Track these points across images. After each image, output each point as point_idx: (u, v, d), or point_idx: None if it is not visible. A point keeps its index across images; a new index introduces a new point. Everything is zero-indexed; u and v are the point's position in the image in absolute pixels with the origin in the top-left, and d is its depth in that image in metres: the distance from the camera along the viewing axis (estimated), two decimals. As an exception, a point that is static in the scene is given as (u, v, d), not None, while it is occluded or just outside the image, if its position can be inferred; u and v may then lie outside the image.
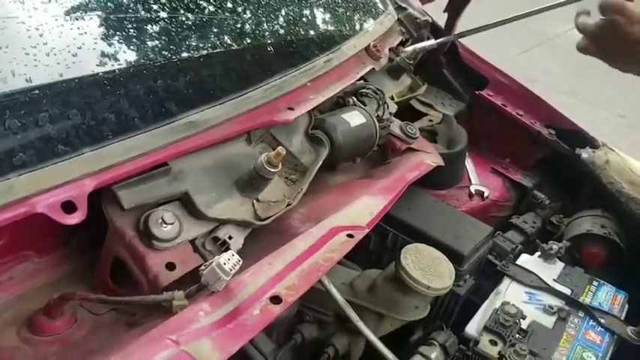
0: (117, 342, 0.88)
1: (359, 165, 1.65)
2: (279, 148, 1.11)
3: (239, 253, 1.07)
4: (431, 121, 1.88)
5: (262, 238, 1.19)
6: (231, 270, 0.92)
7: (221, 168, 1.16)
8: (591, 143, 1.83)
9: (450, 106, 2.03)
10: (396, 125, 1.65)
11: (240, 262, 0.94)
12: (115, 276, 1.07)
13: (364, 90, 1.55)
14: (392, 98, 1.78)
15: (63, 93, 0.95)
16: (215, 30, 1.24)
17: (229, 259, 0.92)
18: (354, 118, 1.46)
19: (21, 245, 1.03)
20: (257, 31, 1.35)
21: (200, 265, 0.96)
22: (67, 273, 1.09)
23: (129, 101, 1.01)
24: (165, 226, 1.02)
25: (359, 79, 1.57)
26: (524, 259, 1.60)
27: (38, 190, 0.85)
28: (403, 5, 2.01)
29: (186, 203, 1.07)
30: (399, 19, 2.00)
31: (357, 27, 1.75)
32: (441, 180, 1.78)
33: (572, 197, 1.90)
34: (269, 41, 1.37)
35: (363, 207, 1.28)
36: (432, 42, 1.86)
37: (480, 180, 1.88)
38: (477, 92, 1.99)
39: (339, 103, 1.54)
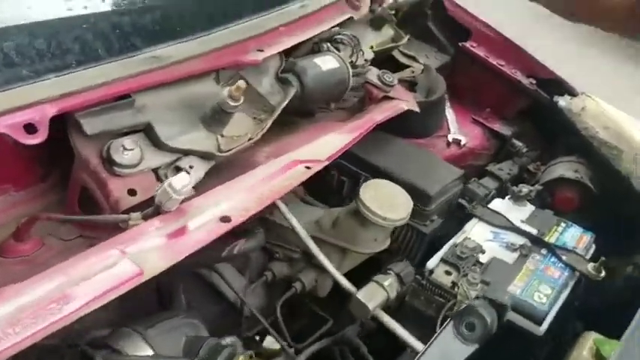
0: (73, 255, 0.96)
1: (338, 113, 1.71)
2: (240, 82, 1.17)
3: (201, 183, 1.15)
4: (412, 72, 1.92)
5: (226, 172, 1.26)
6: (182, 188, 0.99)
7: (187, 104, 1.22)
8: (570, 92, 1.85)
9: (434, 59, 2.06)
10: (373, 74, 1.69)
11: (192, 183, 1.01)
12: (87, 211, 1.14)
13: (339, 37, 1.59)
14: (371, 48, 1.82)
15: (31, 25, 1.02)
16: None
17: (181, 180, 0.99)
18: (326, 62, 1.51)
19: None
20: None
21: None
22: (44, 206, 1.17)
23: (94, 33, 1.08)
24: (126, 152, 1.09)
25: (335, 27, 1.61)
26: (496, 203, 1.65)
27: (1, 111, 0.93)
28: (390, -41, 2.04)
29: (149, 134, 1.14)
30: (386, -28, 2.03)
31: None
32: (419, 128, 1.83)
33: (551, 145, 1.93)
34: None
35: (327, 143, 1.34)
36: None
37: (459, 130, 1.92)
38: (460, 44, 2.01)
39: (314, 49, 1.59)
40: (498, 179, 1.78)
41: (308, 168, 1.22)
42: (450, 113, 1.97)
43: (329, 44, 1.57)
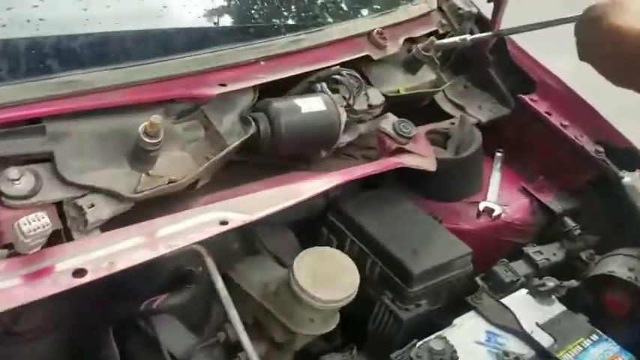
0: None
1: (339, 162, 1.51)
2: (153, 117, 1.03)
3: (109, 223, 1.02)
4: (452, 124, 1.65)
5: (155, 213, 1.12)
6: (30, 232, 0.87)
7: (117, 136, 1.11)
8: (645, 167, 1.46)
9: (489, 110, 1.76)
10: (388, 122, 1.47)
11: (48, 226, 0.88)
12: None
13: (337, 76, 1.39)
14: (397, 92, 1.59)
15: None
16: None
17: (33, 222, 0.87)
18: (310, 104, 1.32)
19: None
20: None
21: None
22: None
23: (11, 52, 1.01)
24: (15, 182, 0.99)
25: (337, 65, 1.41)
26: (516, 295, 1.33)
27: None
28: (447, -7, 1.80)
29: (54, 165, 1.04)
30: (440, 8, 1.79)
31: (367, 9, 1.59)
32: (442, 189, 1.54)
33: (619, 230, 1.53)
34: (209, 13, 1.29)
35: (275, 196, 1.15)
36: (456, 38, 1.63)
37: (500, 197, 1.59)
38: (519, 96, 1.70)
39: (310, 89, 1.41)
40: (534, 265, 1.44)
41: (223, 224, 1.04)
42: (495, 176, 1.66)
43: (324, 84, 1.38)
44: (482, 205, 1.55)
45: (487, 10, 1.76)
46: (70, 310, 1.12)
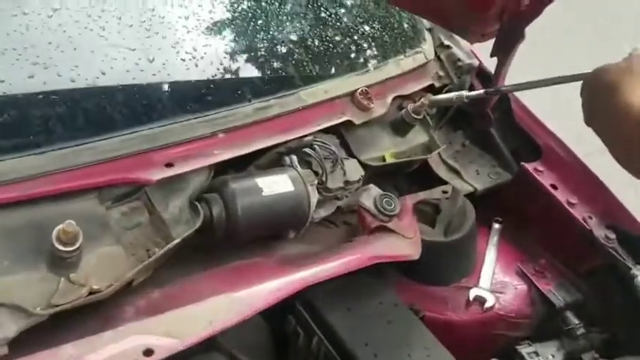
0: None
1: (331, 232, 1.34)
2: (66, 224, 0.86)
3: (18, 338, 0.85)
4: (445, 193, 1.46)
5: (77, 321, 0.95)
6: None
7: (32, 231, 0.94)
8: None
9: (487, 175, 1.57)
10: (369, 196, 1.29)
11: None
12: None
13: (308, 150, 1.21)
14: (383, 159, 1.41)
15: None
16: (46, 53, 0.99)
17: None
18: (275, 184, 1.14)
19: None
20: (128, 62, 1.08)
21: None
22: None
23: None
24: None
25: (311, 134, 1.24)
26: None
27: None
28: (447, 43, 1.62)
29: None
30: (437, 57, 1.61)
31: (350, 65, 1.40)
32: (428, 273, 1.37)
33: (628, 331, 1.34)
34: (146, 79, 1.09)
35: (217, 308, 0.97)
36: (452, 95, 1.45)
37: (495, 282, 1.41)
38: (522, 165, 1.51)
39: (279, 161, 1.23)
40: (528, 369, 1.26)
41: (147, 354, 0.86)
42: (490, 253, 1.47)
43: (294, 157, 1.21)
44: (472, 293, 1.36)
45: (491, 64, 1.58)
46: None
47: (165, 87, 1.08)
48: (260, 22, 1.30)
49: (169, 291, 1.04)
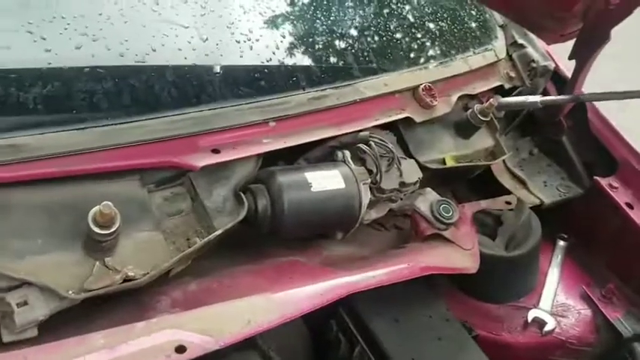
0: None
1: (380, 236, 1.26)
2: (103, 205, 0.81)
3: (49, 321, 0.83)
4: (508, 203, 1.35)
5: (109, 307, 0.91)
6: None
7: (71, 212, 0.90)
8: None
9: (556, 189, 1.46)
10: (425, 200, 1.20)
11: None
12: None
13: (364, 147, 1.13)
14: (443, 162, 1.31)
15: None
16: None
17: None
18: (326, 180, 1.07)
19: None
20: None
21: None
22: None
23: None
24: None
25: (365, 130, 1.15)
26: None
27: None
28: (521, 42, 1.50)
29: (-17, 246, 0.84)
30: (510, 58, 1.50)
31: (412, 60, 1.31)
32: (484, 289, 1.26)
33: None
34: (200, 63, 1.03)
35: (256, 309, 0.90)
36: (524, 99, 1.34)
37: (557, 303, 1.29)
38: (595, 178, 1.39)
39: (332, 155, 1.16)
40: (588, 403, 1.15)
41: (180, 350, 0.80)
42: (553, 273, 1.36)
43: (347, 153, 1.13)
44: (531, 315, 1.25)
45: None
46: None
47: (217, 69, 1.02)
48: (321, 7, 1.22)
49: (207, 284, 0.98)
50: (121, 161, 0.92)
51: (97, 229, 0.83)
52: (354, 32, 1.23)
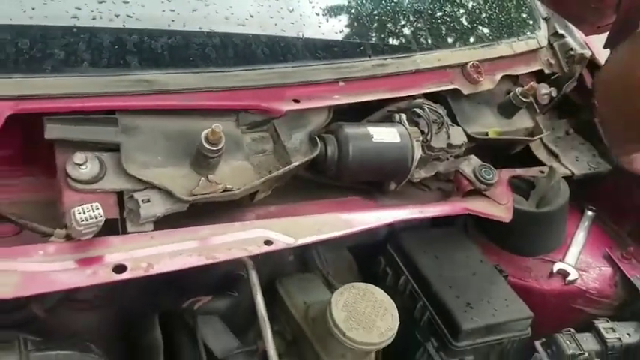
0: None
1: (425, 195, 1.45)
2: (215, 126, 1.04)
3: (162, 220, 1.04)
4: (542, 173, 1.52)
5: (207, 218, 1.13)
6: (82, 221, 0.90)
7: (183, 137, 1.13)
8: None
9: (587, 163, 1.62)
10: (469, 164, 1.39)
11: (101, 218, 0.91)
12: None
13: (418, 110, 1.33)
14: (485, 135, 1.50)
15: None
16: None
17: (87, 211, 0.90)
18: (384, 134, 1.27)
19: (25, 159, 1.13)
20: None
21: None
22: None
23: (85, 45, 1.06)
24: (82, 167, 1.03)
25: (419, 96, 1.35)
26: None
27: None
28: (561, 32, 1.68)
29: (120, 156, 1.08)
30: (551, 47, 1.67)
31: (463, 40, 1.51)
32: (515, 242, 1.44)
33: None
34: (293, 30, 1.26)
35: (326, 223, 1.11)
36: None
37: (581, 260, 1.46)
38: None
39: (390, 118, 1.36)
40: (602, 341, 1.31)
41: (268, 243, 1.02)
42: (579, 236, 1.53)
43: (403, 116, 1.33)
44: (556, 266, 1.43)
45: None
46: (124, 289, 1.16)
47: (300, 34, 1.25)
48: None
49: (284, 208, 1.20)
50: (222, 101, 1.14)
51: (207, 146, 1.05)
52: (415, 13, 1.44)
